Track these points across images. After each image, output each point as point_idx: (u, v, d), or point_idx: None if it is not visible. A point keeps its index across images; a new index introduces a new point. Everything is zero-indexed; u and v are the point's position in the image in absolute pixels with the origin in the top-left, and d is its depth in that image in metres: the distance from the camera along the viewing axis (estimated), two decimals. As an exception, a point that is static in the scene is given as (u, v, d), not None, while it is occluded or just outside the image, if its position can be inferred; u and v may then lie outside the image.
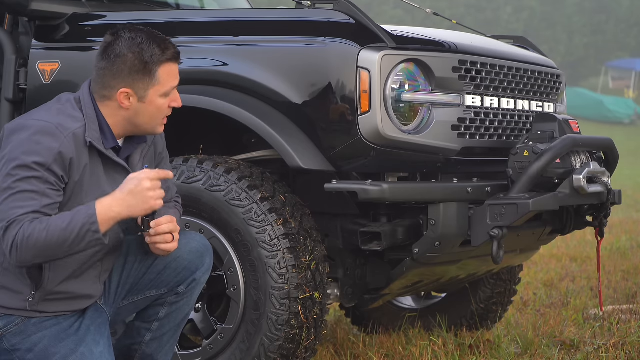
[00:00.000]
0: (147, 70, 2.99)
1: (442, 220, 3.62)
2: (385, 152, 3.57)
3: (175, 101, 3.05)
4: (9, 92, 3.98)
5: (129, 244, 3.19)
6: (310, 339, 3.64)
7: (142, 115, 3.02)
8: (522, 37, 4.65)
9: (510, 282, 4.86)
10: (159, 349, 3.25)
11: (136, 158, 3.12)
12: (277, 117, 3.61)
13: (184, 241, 3.17)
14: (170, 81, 3.03)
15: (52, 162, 2.85)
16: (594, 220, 3.99)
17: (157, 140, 3.22)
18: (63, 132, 2.89)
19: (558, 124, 3.78)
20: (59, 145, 2.87)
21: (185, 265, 3.16)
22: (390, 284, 3.90)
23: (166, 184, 3.26)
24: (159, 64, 2.99)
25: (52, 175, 2.85)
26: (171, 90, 3.04)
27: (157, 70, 2.99)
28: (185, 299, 3.21)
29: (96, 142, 2.96)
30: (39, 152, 2.85)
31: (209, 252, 3.23)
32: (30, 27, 4.07)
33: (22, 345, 2.96)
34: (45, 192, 2.84)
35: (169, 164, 3.31)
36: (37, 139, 2.86)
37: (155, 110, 3.03)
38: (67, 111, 2.97)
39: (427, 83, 3.65)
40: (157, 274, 3.16)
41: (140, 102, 3.00)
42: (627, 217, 11.61)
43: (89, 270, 3.04)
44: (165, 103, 3.04)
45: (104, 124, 3.01)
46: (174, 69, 3.04)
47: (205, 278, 3.23)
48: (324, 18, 3.70)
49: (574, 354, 4.35)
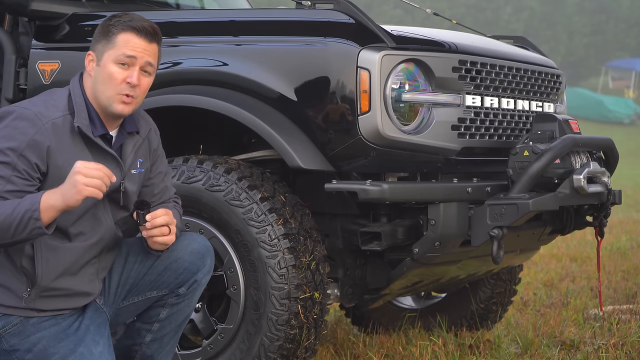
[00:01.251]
0: (107, 32, 3.02)
1: (442, 220, 3.62)
2: (385, 152, 3.56)
3: (131, 77, 3.00)
4: (9, 92, 3.98)
5: (130, 245, 3.19)
6: (310, 339, 3.64)
7: (99, 82, 3.01)
8: (522, 37, 4.65)
9: (510, 282, 4.86)
10: (160, 350, 3.25)
11: (128, 149, 3.11)
12: (277, 117, 3.61)
13: (185, 242, 3.17)
14: (125, 48, 3.00)
15: (24, 147, 2.87)
16: (594, 220, 3.99)
17: (150, 136, 3.21)
18: (42, 119, 2.92)
19: (558, 124, 3.78)
20: (35, 131, 2.89)
21: (186, 266, 3.16)
22: (390, 284, 3.90)
23: (163, 183, 3.26)
24: (120, 28, 3.01)
25: (23, 162, 2.87)
26: (125, 58, 3.00)
27: (117, 34, 3.01)
28: (186, 300, 3.20)
29: (85, 128, 2.97)
30: (14, 137, 2.88)
31: (210, 254, 3.23)
32: (30, 27, 4.07)
33: (21, 345, 2.96)
34: (11, 179, 2.85)
35: (165, 162, 3.30)
36: (14, 124, 2.90)
37: (107, 76, 3.00)
38: (51, 101, 3.00)
39: (427, 83, 3.65)
40: (157, 275, 3.16)
41: (97, 65, 3.02)
42: (627, 217, 11.61)
43: (86, 267, 3.05)
44: (119, 73, 3.00)
45: (93, 113, 3.02)
46: (136, 40, 3.01)
47: (206, 279, 3.23)
48: (324, 18, 3.70)
49: (574, 354, 4.35)
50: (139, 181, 3.16)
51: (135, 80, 3.00)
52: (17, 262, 2.94)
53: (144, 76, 3.04)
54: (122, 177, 3.08)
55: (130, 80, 3.00)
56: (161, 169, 3.27)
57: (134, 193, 3.14)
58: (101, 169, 2.83)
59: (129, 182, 3.11)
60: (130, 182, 3.11)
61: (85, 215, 3.02)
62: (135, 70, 3.01)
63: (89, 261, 3.05)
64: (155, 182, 3.24)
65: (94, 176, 2.81)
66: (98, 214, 3.05)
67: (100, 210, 3.06)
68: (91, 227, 3.04)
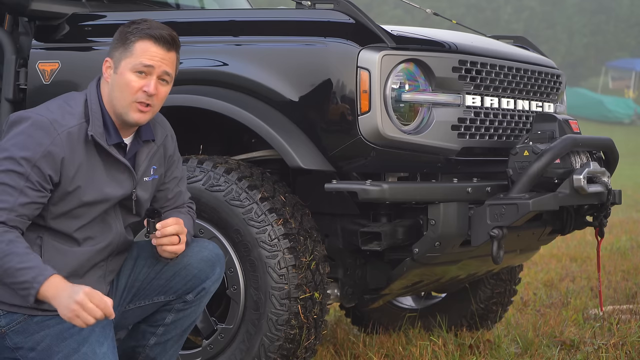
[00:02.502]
0: (124, 39, 2.99)
1: (442, 220, 3.62)
2: (385, 152, 3.56)
3: (148, 86, 2.97)
4: (9, 92, 3.98)
5: (141, 248, 3.18)
6: (310, 339, 3.64)
7: (115, 90, 2.98)
8: (522, 37, 4.65)
9: (510, 282, 4.86)
10: (162, 354, 3.24)
11: (142, 157, 3.10)
12: (277, 117, 3.61)
13: (196, 249, 3.16)
14: (142, 57, 2.97)
15: (39, 158, 2.85)
16: (594, 220, 3.99)
17: (167, 142, 3.19)
18: (57, 128, 2.90)
19: (558, 124, 3.78)
20: (50, 142, 2.88)
21: (194, 273, 3.14)
22: (390, 284, 3.90)
23: (178, 188, 3.25)
24: (138, 36, 2.98)
25: (36, 174, 2.85)
26: (142, 67, 2.97)
27: (134, 42, 2.98)
28: (193, 307, 3.19)
29: (98, 137, 2.95)
30: (28, 146, 2.86)
31: (220, 262, 3.20)
32: (30, 27, 4.07)
33: (24, 343, 2.96)
34: (24, 190, 2.83)
35: (180, 167, 3.27)
36: (29, 132, 2.88)
37: (124, 84, 2.97)
38: (67, 107, 2.97)
39: (427, 83, 3.65)
40: (166, 280, 3.15)
41: (115, 73, 2.99)
42: (627, 217, 11.61)
43: (93, 270, 3.04)
44: (136, 82, 2.97)
45: (108, 120, 3.00)
46: (154, 49, 2.98)
47: (215, 287, 3.21)
48: (324, 18, 3.70)
49: (574, 354, 4.35)
50: (152, 187, 3.15)
51: (152, 90, 2.97)
52: None
53: (161, 85, 3.01)
54: (133, 186, 3.07)
55: (147, 89, 2.97)
56: (176, 174, 3.24)
57: (146, 200, 3.13)
58: (104, 309, 2.73)
59: (140, 189, 3.09)
60: (142, 190, 3.10)
61: (95, 220, 3.01)
62: (152, 79, 2.98)
63: (97, 264, 3.05)
64: (170, 187, 3.23)
65: (91, 314, 2.72)
66: (108, 220, 3.04)
67: (111, 216, 3.05)
68: (101, 231, 3.03)
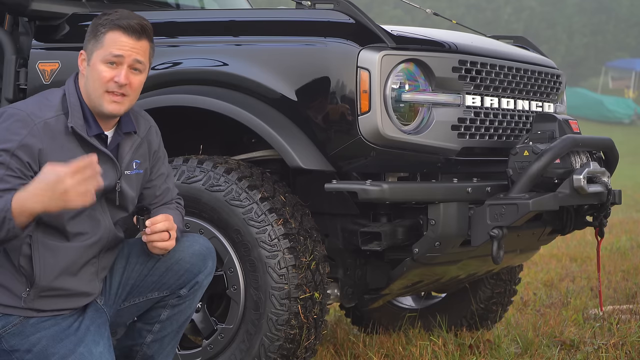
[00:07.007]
0: (96, 31, 3.01)
1: (442, 220, 3.62)
2: (385, 152, 3.56)
3: (118, 76, 2.98)
4: (9, 92, 3.98)
5: (132, 246, 3.19)
6: (310, 339, 3.64)
7: (89, 82, 3.00)
8: (522, 37, 4.65)
9: (510, 282, 4.86)
10: (160, 351, 3.25)
11: (125, 149, 3.10)
12: (277, 117, 3.61)
13: (186, 244, 3.17)
14: (112, 47, 2.98)
15: (16, 147, 2.87)
16: (594, 220, 3.99)
17: (151, 137, 3.20)
18: (34, 119, 2.91)
19: (558, 124, 3.78)
20: (27, 132, 2.89)
21: (187, 267, 3.16)
22: (390, 284, 3.90)
23: (165, 185, 3.26)
24: (107, 27, 2.99)
25: (16, 161, 2.86)
26: (112, 58, 2.98)
27: (104, 33, 2.99)
28: (188, 301, 3.20)
29: (79, 128, 2.97)
30: (6, 138, 2.88)
31: (211, 255, 3.22)
32: (30, 27, 4.07)
33: (20, 345, 2.96)
34: (4, 178, 2.84)
35: (166, 164, 3.29)
36: (6, 125, 2.91)
37: (96, 76, 2.99)
38: (45, 101, 3.00)
39: (427, 83, 3.65)
40: (159, 276, 3.16)
41: (88, 65, 3.01)
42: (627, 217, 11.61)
43: (86, 267, 3.04)
44: (107, 72, 2.98)
45: (88, 112, 3.01)
46: (124, 39, 2.99)
47: (207, 281, 3.22)
48: (324, 18, 3.70)
49: (574, 354, 4.35)
50: (137, 182, 3.16)
51: (122, 80, 2.98)
52: (15, 261, 2.94)
53: (133, 74, 3.02)
54: (117, 177, 3.07)
55: (118, 79, 2.98)
56: (162, 170, 3.26)
57: (131, 195, 3.13)
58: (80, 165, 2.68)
59: (124, 182, 3.10)
60: (126, 183, 3.10)
61: (83, 215, 3.01)
62: (123, 69, 2.99)
63: (89, 261, 3.05)
64: (157, 184, 3.23)
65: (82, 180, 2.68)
66: (96, 215, 3.05)
67: (98, 211, 3.05)
68: (90, 227, 3.03)
